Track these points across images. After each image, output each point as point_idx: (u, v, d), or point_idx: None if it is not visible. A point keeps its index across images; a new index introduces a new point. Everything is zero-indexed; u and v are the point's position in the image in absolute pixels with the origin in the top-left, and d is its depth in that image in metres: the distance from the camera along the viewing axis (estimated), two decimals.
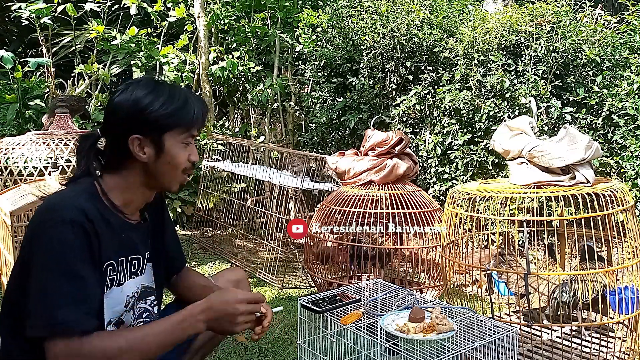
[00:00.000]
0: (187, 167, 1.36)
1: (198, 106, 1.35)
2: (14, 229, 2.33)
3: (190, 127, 1.33)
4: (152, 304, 1.49)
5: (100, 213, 1.26)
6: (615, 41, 3.76)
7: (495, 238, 2.63)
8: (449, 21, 4.22)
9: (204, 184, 4.24)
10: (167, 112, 1.29)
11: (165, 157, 1.31)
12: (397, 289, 1.81)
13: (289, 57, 5.10)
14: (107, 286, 1.30)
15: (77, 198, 1.25)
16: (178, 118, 1.31)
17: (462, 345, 1.43)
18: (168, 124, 1.30)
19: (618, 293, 1.98)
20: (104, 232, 1.25)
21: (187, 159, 1.35)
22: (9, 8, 4.92)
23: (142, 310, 1.45)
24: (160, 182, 1.36)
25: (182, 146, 1.33)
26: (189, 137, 1.34)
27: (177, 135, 1.32)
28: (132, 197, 1.35)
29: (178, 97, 1.32)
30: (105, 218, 1.27)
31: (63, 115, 3.28)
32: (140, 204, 1.40)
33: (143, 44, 5.01)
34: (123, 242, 1.33)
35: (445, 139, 3.78)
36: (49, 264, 1.17)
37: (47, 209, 1.24)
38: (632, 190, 3.31)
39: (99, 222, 1.24)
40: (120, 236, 1.31)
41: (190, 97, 1.35)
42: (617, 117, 3.46)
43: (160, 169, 1.33)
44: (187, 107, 1.32)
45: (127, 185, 1.34)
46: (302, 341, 1.68)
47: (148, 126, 1.29)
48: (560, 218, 2.20)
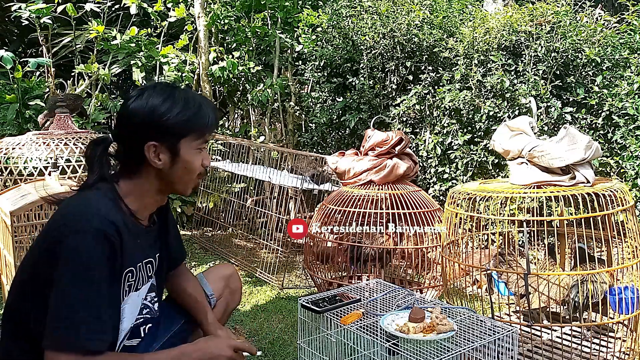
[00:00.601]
0: (201, 172, 1.38)
1: (211, 112, 1.36)
2: (14, 229, 2.33)
3: (204, 132, 1.35)
4: (152, 300, 1.51)
5: (123, 220, 1.27)
6: (615, 41, 3.76)
7: (495, 238, 2.63)
8: (449, 21, 4.22)
9: (204, 184, 4.24)
10: (184, 119, 1.30)
11: (180, 163, 1.32)
12: (397, 289, 1.81)
13: (289, 57, 5.10)
14: (126, 292, 1.31)
15: (103, 205, 1.24)
16: (193, 124, 1.32)
17: (462, 345, 1.43)
18: (184, 131, 1.31)
19: (618, 293, 1.98)
20: (127, 240, 1.25)
21: (200, 164, 1.37)
22: (9, 8, 4.91)
23: (142, 307, 1.46)
24: (175, 188, 1.37)
25: (197, 152, 1.35)
26: (203, 143, 1.36)
27: (192, 141, 1.33)
28: (147, 203, 1.36)
29: (193, 104, 1.33)
30: (126, 224, 1.28)
31: (63, 115, 3.28)
32: (153, 209, 1.41)
33: (143, 44, 5.01)
34: (139, 247, 1.34)
35: (445, 139, 3.78)
36: (75, 278, 1.16)
37: (72, 214, 1.23)
38: (632, 190, 3.31)
39: (124, 230, 1.25)
40: (136, 242, 1.32)
41: (204, 102, 1.37)
42: (617, 117, 3.46)
43: (176, 175, 1.34)
44: (201, 113, 1.34)
45: (143, 191, 1.34)
46: (302, 341, 1.68)
47: (164, 133, 1.29)
48: (560, 218, 2.20)
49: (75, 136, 3.14)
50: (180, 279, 1.66)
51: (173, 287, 1.67)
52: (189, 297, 1.64)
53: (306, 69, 4.61)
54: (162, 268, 1.52)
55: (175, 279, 1.66)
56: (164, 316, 1.58)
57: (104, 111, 4.87)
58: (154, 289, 1.50)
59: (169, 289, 1.67)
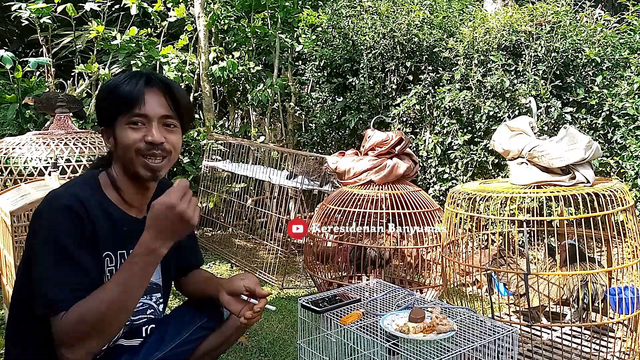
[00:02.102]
0: (140, 147, 1.30)
1: (135, 83, 1.31)
2: (14, 229, 2.33)
3: (131, 106, 1.30)
4: (157, 301, 1.49)
5: (99, 203, 1.31)
6: (615, 41, 3.76)
7: (495, 238, 2.63)
8: (449, 21, 4.22)
9: (204, 184, 4.24)
10: (110, 97, 1.33)
11: (119, 142, 1.33)
12: (397, 289, 1.81)
13: (289, 57, 5.10)
14: (107, 277, 1.32)
15: (74, 187, 1.31)
16: (115, 99, 1.32)
17: (462, 345, 1.43)
18: (113, 109, 1.33)
19: (618, 293, 1.98)
20: (101, 222, 1.29)
21: (139, 139, 1.30)
22: (9, 8, 4.91)
23: (146, 307, 1.45)
24: (128, 169, 1.35)
25: (128, 127, 1.30)
26: (135, 117, 1.30)
27: (122, 117, 1.32)
28: (126, 187, 1.38)
29: (120, 81, 1.33)
30: (105, 209, 1.31)
31: (63, 115, 3.28)
32: (141, 195, 1.41)
33: (143, 44, 5.00)
34: (124, 236, 1.34)
35: (445, 139, 3.78)
36: (45, 249, 1.23)
37: (46, 199, 1.29)
38: (632, 190, 3.31)
39: (95, 210, 1.28)
40: (121, 229, 1.34)
41: (132, 77, 1.33)
42: (617, 117, 3.46)
43: (120, 155, 1.34)
44: (122, 88, 1.31)
45: (118, 176, 1.38)
46: (302, 341, 1.68)
47: (101, 115, 1.37)
48: (560, 218, 2.20)
49: (75, 136, 3.14)
50: (195, 276, 1.62)
51: (189, 280, 1.62)
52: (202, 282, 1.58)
53: (306, 69, 4.61)
54: (168, 266, 1.49)
55: (189, 279, 1.62)
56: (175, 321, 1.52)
57: None
58: (159, 290, 1.49)
59: (185, 289, 1.64)
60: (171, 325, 1.52)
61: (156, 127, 1.32)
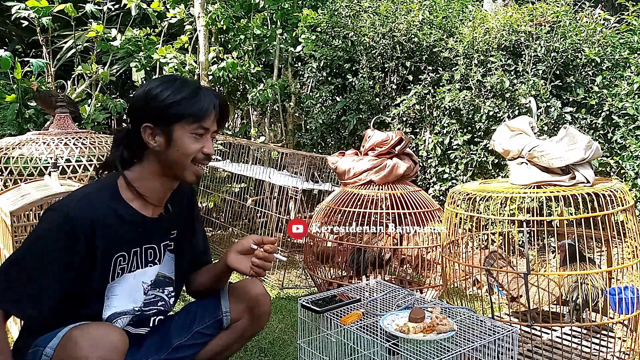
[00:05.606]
0: (198, 157, 1.40)
1: (209, 99, 1.39)
2: (14, 229, 2.33)
3: (199, 119, 1.37)
4: (169, 294, 1.54)
5: (114, 209, 1.36)
6: (615, 41, 3.76)
7: (495, 238, 2.63)
8: (448, 21, 4.22)
9: (204, 184, 4.24)
10: (174, 101, 1.35)
11: (174, 147, 1.37)
12: (397, 289, 1.81)
13: (288, 57, 5.10)
14: (118, 274, 1.39)
15: (88, 196, 1.36)
16: (184, 108, 1.35)
17: (462, 345, 1.43)
18: (175, 114, 1.35)
19: (618, 293, 1.98)
20: (112, 228, 1.34)
21: (198, 150, 1.39)
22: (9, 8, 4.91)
23: (157, 299, 1.50)
24: (173, 171, 1.41)
25: (192, 137, 1.37)
26: (200, 129, 1.38)
27: (186, 125, 1.36)
28: (152, 186, 1.42)
29: (188, 89, 1.37)
30: (118, 213, 1.36)
31: (63, 115, 3.27)
32: (162, 194, 1.46)
33: (143, 44, 5.00)
34: (138, 234, 1.41)
35: (445, 139, 3.78)
36: (30, 245, 1.31)
37: (57, 204, 1.35)
38: (632, 190, 3.31)
39: (107, 218, 1.34)
40: (134, 228, 1.40)
41: (203, 90, 1.40)
42: (617, 117, 3.46)
43: (171, 158, 1.38)
44: (195, 99, 1.37)
45: (147, 174, 1.41)
46: (302, 341, 1.68)
47: (156, 114, 1.36)
48: (560, 218, 2.20)
49: (75, 136, 3.14)
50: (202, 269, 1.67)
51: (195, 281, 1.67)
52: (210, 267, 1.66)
53: (306, 69, 4.61)
54: (181, 260, 1.55)
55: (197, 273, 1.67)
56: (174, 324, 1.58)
57: (104, 111, 4.86)
58: (171, 284, 1.53)
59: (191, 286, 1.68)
60: (170, 329, 1.55)
61: (210, 140, 1.42)
